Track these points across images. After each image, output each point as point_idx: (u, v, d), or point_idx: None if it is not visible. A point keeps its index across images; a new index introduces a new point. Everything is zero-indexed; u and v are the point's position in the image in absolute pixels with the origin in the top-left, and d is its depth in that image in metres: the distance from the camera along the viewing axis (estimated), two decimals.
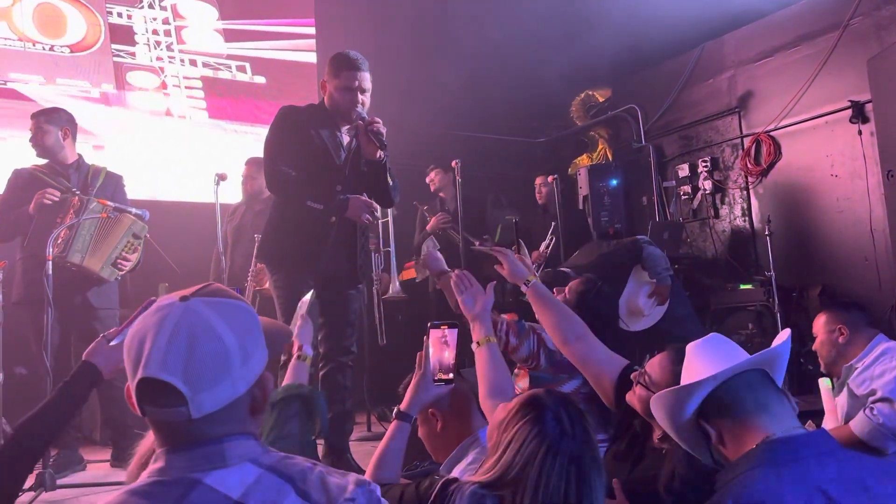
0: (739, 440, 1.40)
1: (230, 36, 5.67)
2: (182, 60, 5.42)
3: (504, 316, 2.74)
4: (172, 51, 5.28)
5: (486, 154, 6.55)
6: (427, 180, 5.31)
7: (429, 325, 1.96)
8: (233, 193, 4.92)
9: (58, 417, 1.78)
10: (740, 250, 5.93)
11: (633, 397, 1.87)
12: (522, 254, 2.75)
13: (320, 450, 3.22)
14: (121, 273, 3.85)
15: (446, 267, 2.77)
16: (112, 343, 1.87)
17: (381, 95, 3.35)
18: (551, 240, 5.18)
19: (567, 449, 1.41)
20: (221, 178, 4.02)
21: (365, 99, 3.23)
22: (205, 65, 5.61)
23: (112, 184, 3.99)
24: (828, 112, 5.32)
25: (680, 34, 6.00)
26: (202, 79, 5.66)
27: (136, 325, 1.08)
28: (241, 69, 5.85)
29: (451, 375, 1.93)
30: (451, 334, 1.95)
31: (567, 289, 2.82)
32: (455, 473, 1.82)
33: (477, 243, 2.73)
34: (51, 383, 3.21)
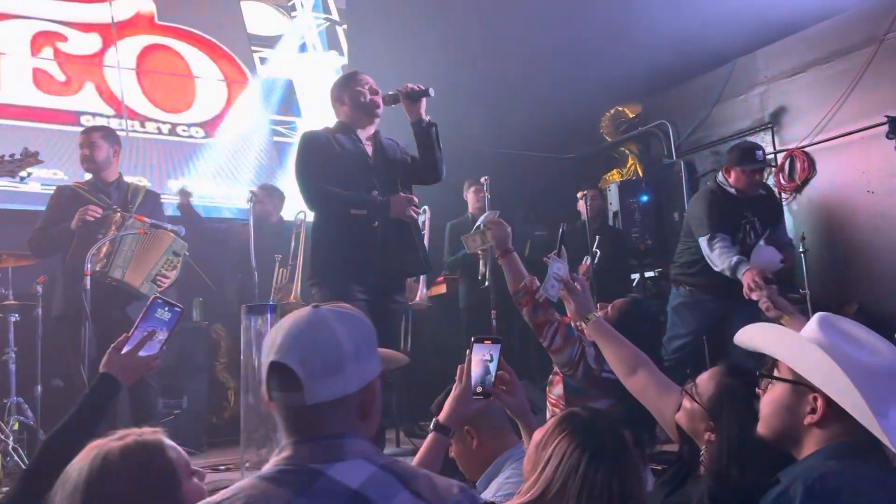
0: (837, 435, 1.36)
1: None
2: None
3: (560, 316, 2.72)
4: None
5: (515, 170, 6.56)
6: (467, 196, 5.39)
7: (472, 338, 1.95)
8: None
9: (83, 429, 1.82)
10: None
11: (681, 414, 1.85)
12: (562, 257, 2.71)
13: None
14: (160, 289, 3.92)
15: (511, 245, 2.81)
16: (123, 351, 1.96)
17: (403, 113, 3.39)
18: (596, 254, 5.19)
19: (608, 461, 1.40)
20: (255, 195, 4.08)
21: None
22: None
23: (151, 201, 4.08)
24: (863, 128, 5.25)
25: (711, 50, 5.98)
26: None
27: (274, 326, 1.24)
28: None
29: (490, 391, 1.93)
30: (495, 349, 1.93)
31: (610, 306, 2.80)
32: (492, 489, 1.82)
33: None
34: None
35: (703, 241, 4.09)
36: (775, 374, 1.47)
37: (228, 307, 4.96)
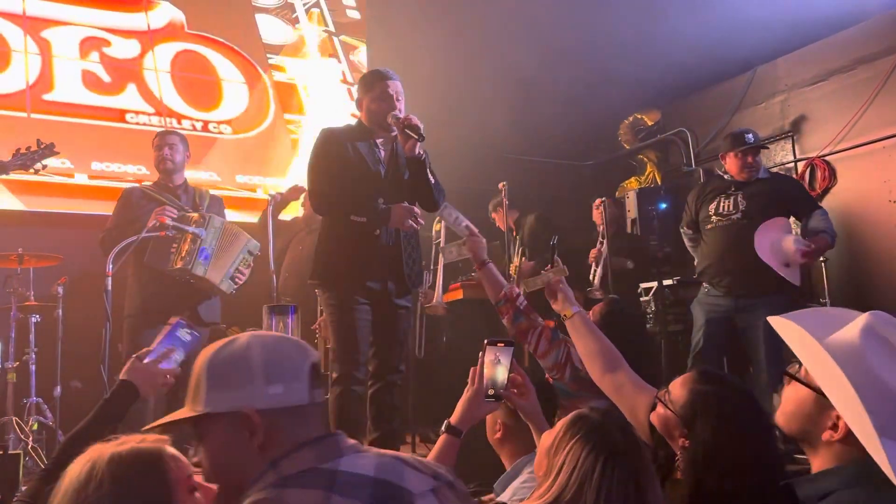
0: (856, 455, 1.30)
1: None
2: None
3: (543, 321, 2.74)
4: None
5: (532, 176, 6.55)
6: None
7: (486, 341, 1.96)
8: None
9: (99, 433, 1.83)
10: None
11: (655, 416, 1.82)
12: (557, 271, 2.73)
13: None
14: (236, 287, 3.94)
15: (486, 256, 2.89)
16: (145, 361, 1.99)
17: (427, 117, 3.38)
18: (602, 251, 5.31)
19: (624, 463, 1.38)
20: (275, 199, 4.10)
21: (401, 106, 3.31)
22: None
23: (217, 204, 4.14)
24: (885, 136, 5.20)
25: (732, 57, 5.95)
26: None
27: (261, 343, 1.23)
28: None
29: (501, 392, 1.94)
30: (507, 352, 1.95)
31: (591, 311, 2.83)
32: (507, 493, 1.83)
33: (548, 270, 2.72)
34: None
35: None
36: (801, 375, 1.41)
37: (246, 308, 4.97)
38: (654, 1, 5.41)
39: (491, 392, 1.92)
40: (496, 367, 1.94)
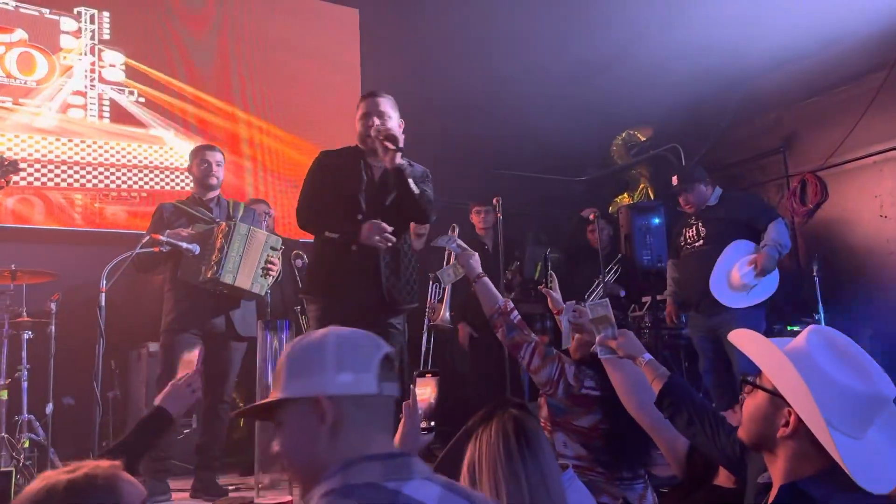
0: (814, 455, 1.34)
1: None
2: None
3: (536, 336, 2.75)
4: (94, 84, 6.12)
5: (526, 192, 6.57)
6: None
7: (415, 373, 1.95)
8: None
9: (130, 457, 1.83)
10: (787, 292, 5.82)
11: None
12: (553, 287, 2.75)
13: None
14: (269, 285, 3.89)
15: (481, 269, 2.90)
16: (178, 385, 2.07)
17: (419, 133, 3.40)
18: (617, 270, 5.36)
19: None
20: (271, 216, 4.09)
21: (389, 124, 3.31)
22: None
23: (250, 215, 4.12)
24: (876, 152, 5.25)
25: (723, 74, 5.99)
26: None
27: (344, 335, 1.29)
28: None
29: (432, 424, 1.93)
30: (435, 382, 1.95)
31: None
32: None
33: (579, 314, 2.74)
34: (99, 413, 3.28)
35: None
36: (758, 381, 1.47)
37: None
38: (646, 18, 5.46)
39: (424, 424, 1.90)
40: (428, 398, 1.93)
